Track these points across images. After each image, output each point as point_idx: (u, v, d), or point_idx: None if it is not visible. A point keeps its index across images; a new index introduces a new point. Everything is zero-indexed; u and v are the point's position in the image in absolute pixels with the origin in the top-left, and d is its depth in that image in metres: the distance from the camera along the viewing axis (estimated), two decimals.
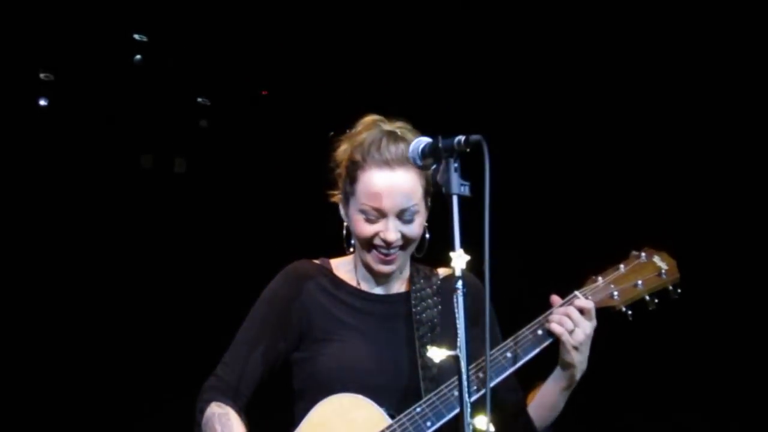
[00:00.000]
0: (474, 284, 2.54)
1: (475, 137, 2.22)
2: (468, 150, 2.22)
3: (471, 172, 2.23)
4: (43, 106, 4.97)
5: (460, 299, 2.16)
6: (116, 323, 4.99)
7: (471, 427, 2.11)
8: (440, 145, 2.28)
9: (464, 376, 2.13)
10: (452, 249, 2.17)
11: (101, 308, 5.01)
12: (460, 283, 2.17)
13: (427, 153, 2.32)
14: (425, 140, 2.35)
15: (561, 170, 5.02)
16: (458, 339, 2.15)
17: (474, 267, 2.22)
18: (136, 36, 4.93)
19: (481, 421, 2.14)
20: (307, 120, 5.14)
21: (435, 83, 4.97)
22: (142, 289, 5.06)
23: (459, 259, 2.16)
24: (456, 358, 2.17)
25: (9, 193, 4.94)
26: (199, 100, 5.19)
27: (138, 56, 4.97)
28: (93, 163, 5.09)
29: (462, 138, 2.24)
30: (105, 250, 5.08)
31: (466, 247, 2.19)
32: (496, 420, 2.57)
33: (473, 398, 2.41)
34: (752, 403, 4.81)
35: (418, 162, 2.35)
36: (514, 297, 2.98)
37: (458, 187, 2.21)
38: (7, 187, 4.94)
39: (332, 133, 2.79)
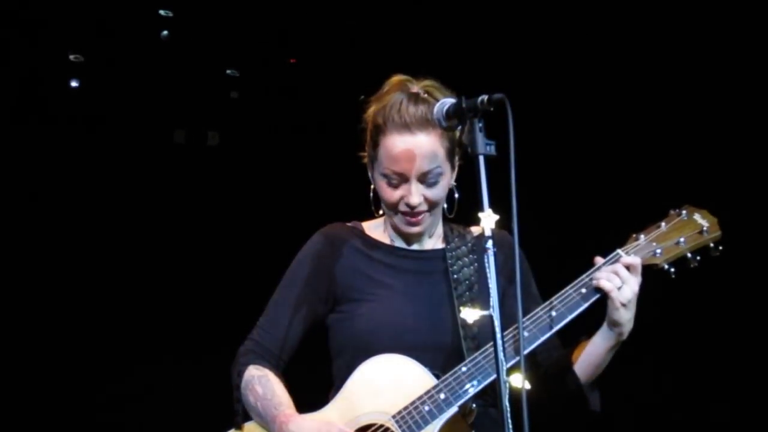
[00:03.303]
0: (508, 242, 2.53)
1: (497, 96, 2.19)
2: (492, 109, 2.20)
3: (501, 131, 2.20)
4: (75, 88, 5.00)
5: (491, 259, 2.15)
6: (153, 295, 5.06)
7: (507, 385, 2.11)
8: (464, 105, 2.26)
9: (498, 336, 2.12)
10: (481, 209, 2.16)
11: (139, 282, 5.07)
12: (490, 243, 2.16)
13: (451, 114, 2.32)
14: (449, 101, 2.34)
15: (591, 130, 4.94)
16: (491, 300, 2.14)
17: (504, 227, 2.21)
18: (162, 12, 4.93)
19: (517, 378, 2.14)
20: (337, 85, 5.11)
21: (463, 42, 4.91)
22: (179, 262, 5.11)
23: (488, 219, 2.15)
24: (492, 317, 2.17)
25: (46, 177, 5.01)
26: (228, 72, 5.19)
27: (165, 32, 4.97)
28: (127, 141, 5.13)
29: (485, 97, 2.22)
30: (143, 227, 5.13)
31: (498, 208, 2.18)
32: (541, 378, 2.60)
33: (515, 359, 2.41)
34: None
35: (443, 123, 2.34)
36: (547, 259, 2.96)
37: (484, 146, 2.19)
38: (46, 170, 5.01)
39: (362, 96, 2.79)
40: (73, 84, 5.02)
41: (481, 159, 2.18)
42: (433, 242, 2.76)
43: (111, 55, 4.99)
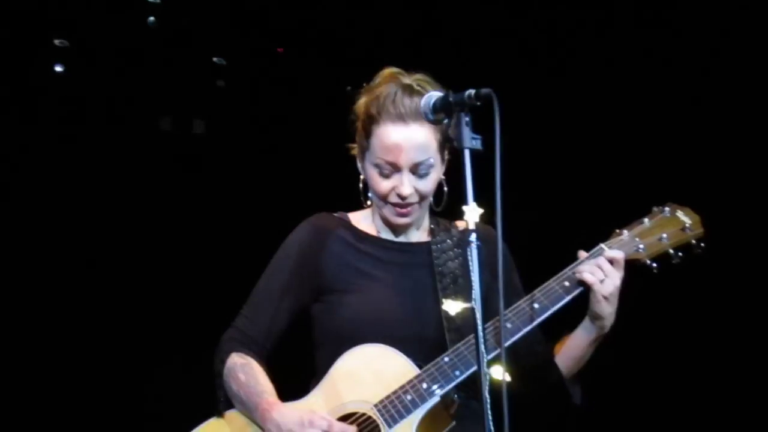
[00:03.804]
0: (493, 237, 2.54)
1: (485, 91, 2.21)
2: (479, 103, 2.22)
3: (489, 125, 2.22)
4: (60, 73, 4.98)
5: (474, 252, 2.18)
6: (138, 283, 5.05)
7: (488, 377, 2.14)
8: (451, 99, 2.28)
9: (479, 328, 2.15)
10: (465, 202, 2.18)
11: (121, 270, 5.06)
12: (473, 236, 2.18)
13: (438, 107, 2.33)
14: (436, 95, 2.35)
15: (577, 126, 4.96)
16: (473, 291, 2.16)
17: (488, 221, 2.23)
18: None
19: (499, 370, 2.17)
20: (324, 76, 5.12)
21: (452, 36, 4.92)
22: (164, 249, 5.11)
23: (472, 213, 2.17)
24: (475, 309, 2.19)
25: (30, 163, 4.98)
26: (215, 60, 5.18)
27: (152, 18, 4.96)
28: (112, 127, 5.11)
29: (472, 92, 2.23)
30: (128, 213, 5.12)
31: (484, 202, 2.20)
32: (524, 371, 2.62)
33: (497, 351, 2.42)
34: None
35: (430, 116, 2.36)
36: (531, 253, 2.99)
37: (470, 140, 2.21)
38: (29, 155, 4.98)
39: (349, 87, 2.79)
40: (58, 69, 4.99)
41: (467, 153, 2.20)
42: (419, 235, 2.78)
43: (97, 41, 4.97)
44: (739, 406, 4.79)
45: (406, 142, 2.59)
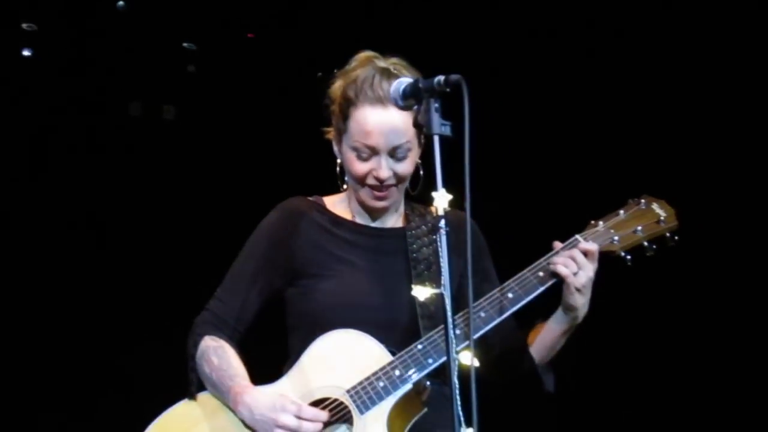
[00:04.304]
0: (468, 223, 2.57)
1: (454, 77, 2.22)
2: (448, 90, 2.23)
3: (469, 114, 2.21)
4: (27, 57, 4.92)
5: (443, 238, 2.19)
6: (109, 268, 5.02)
7: (457, 363, 2.16)
8: (420, 85, 2.29)
9: (449, 314, 2.16)
10: (435, 189, 2.19)
11: (93, 257, 5.03)
12: (442, 222, 2.19)
13: (408, 94, 2.33)
14: (406, 81, 2.36)
15: (553, 115, 4.98)
16: (442, 278, 2.18)
17: (460, 207, 2.24)
18: None
19: (466, 356, 2.19)
20: (295, 61, 5.10)
21: (425, 21, 4.92)
22: (135, 236, 5.08)
23: (441, 199, 2.18)
24: (452, 296, 2.20)
25: None
26: (185, 45, 5.14)
27: (121, 2, 4.91)
28: (81, 113, 5.06)
29: (441, 78, 2.24)
30: (97, 200, 5.08)
31: (459, 190, 2.21)
32: (498, 358, 2.65)
33: (467, 342, 2.45)
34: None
35: (400, 103, 2.36)
36: (506, 242, 3.00)
37: (439, 127, 2.22)
38: None
39: (320, 74, 2.79)
40: (26, 53, 4.94)
41: (436, 139, 2.21)
42: (395, 220, 2.79)
43: (65, 25, 4.91)
44: (717, 399, 4.84)
45: (384, 125, 2.59)
